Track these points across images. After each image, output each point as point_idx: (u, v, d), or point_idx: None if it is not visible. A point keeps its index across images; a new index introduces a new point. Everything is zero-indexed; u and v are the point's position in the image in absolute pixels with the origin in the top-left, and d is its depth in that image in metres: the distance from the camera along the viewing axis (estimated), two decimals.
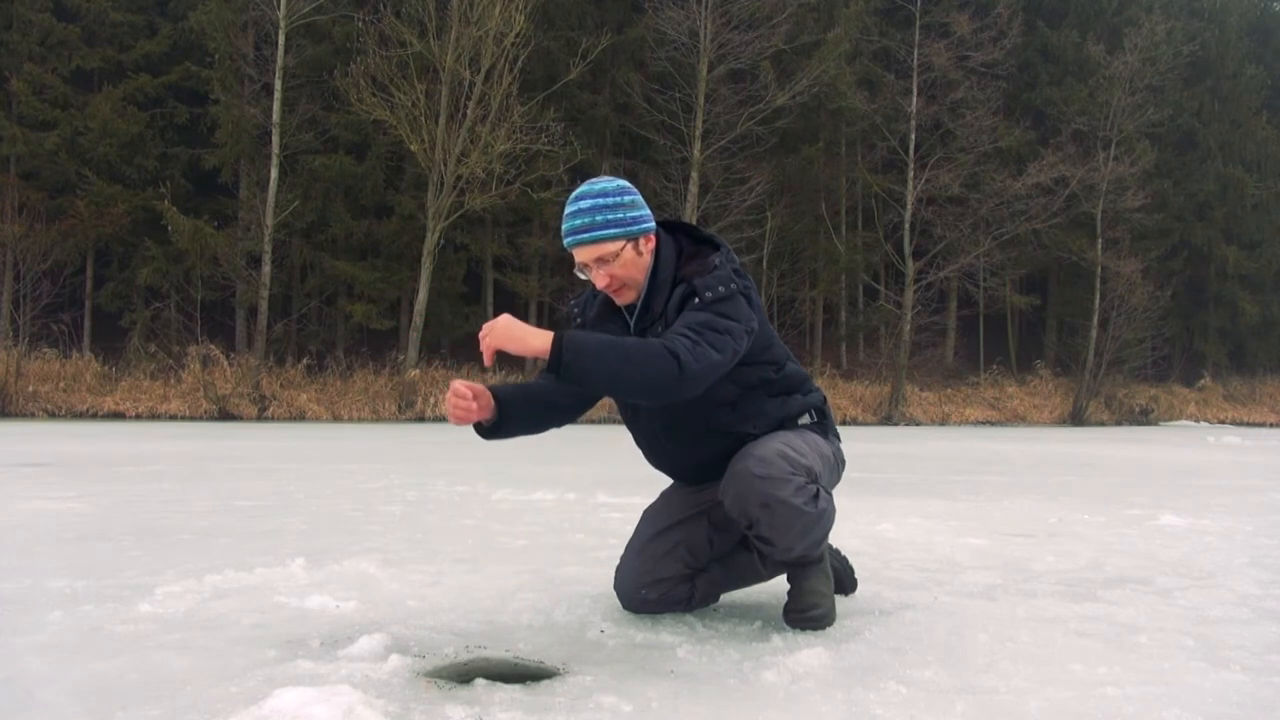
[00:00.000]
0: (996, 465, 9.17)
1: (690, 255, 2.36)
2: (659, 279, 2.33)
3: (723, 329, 2.19)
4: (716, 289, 2.23)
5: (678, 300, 2.28)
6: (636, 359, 2.09)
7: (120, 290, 21.45)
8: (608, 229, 2.25)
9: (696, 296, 2.23)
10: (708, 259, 2.31)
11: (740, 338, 2.22)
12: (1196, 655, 2.22)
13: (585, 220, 2.25)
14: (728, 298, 2.23)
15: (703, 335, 2.15)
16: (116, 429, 13.69)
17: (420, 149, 19.05)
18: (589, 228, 2.25)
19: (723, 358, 2.17)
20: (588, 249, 2.27)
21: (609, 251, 2.26)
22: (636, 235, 2.28)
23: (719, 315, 2.20)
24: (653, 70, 22.32)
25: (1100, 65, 25.77)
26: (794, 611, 2.41)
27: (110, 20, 21.68)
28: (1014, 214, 23.94)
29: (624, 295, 2.35)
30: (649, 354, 2.10)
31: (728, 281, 2.24)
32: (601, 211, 2.25)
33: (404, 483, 6.19)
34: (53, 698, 1.81)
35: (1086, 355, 25.47)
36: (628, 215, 2.27)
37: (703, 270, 2.28)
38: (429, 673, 1.99)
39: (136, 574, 3.00)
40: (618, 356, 2.08)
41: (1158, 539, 4.13)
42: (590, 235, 2.25)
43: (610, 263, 2.28)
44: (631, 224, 2.27)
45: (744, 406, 2.36)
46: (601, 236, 2.25)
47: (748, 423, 2.37)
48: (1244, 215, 30.12)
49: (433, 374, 20.09)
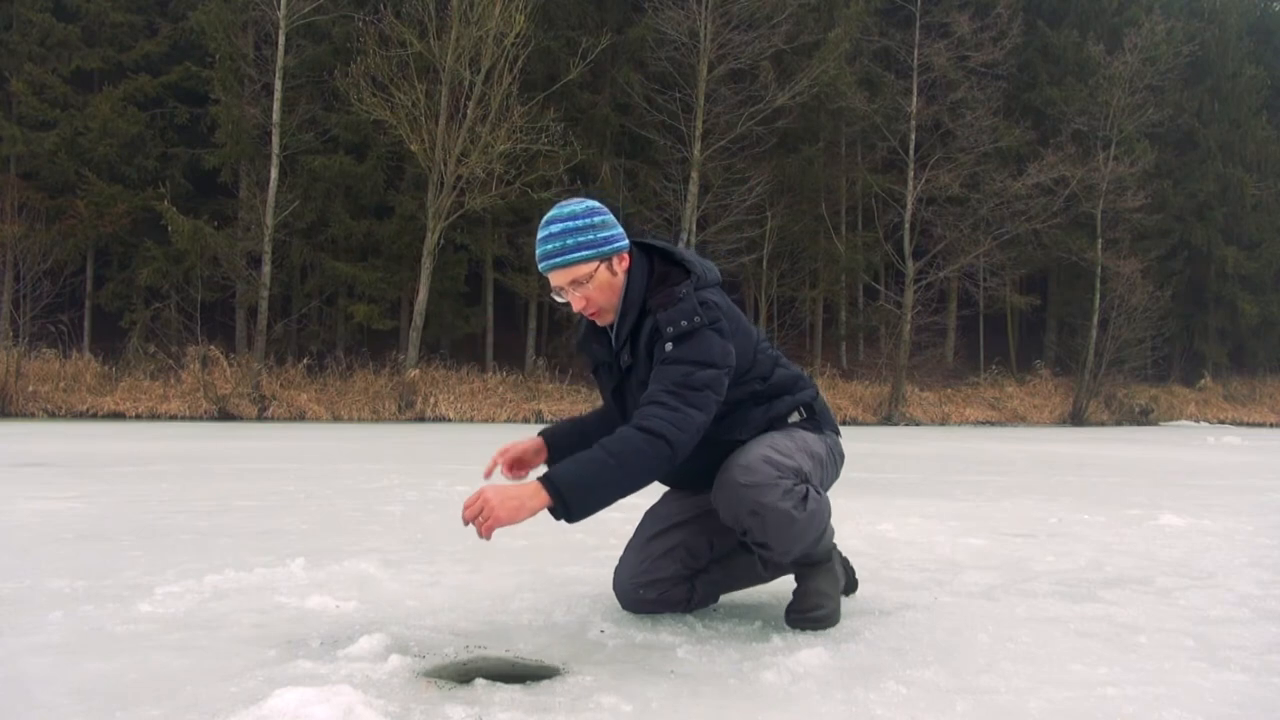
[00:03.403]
0: (996, 465, 9.17)
1: (660, 278, 2.33)
2: (628, 300, 2.32)
3: (700, 384, 2.18)
4: (679, 323, 2.21)
5: (646, 336, 2.28)
6: (631, 465, 2.12)
7: (120, 290, 21.44)
8: (580, 251, 2.25)
9: (661, 333, 2.23)
10: (674, 288, 2.28)
11: (719, 385, 2.22)
12: (1196, 655, 2.22)
13: (557, 244, 2.25)
14: (692, 333, 2.21)
15: (680, 397, 2.16)
16: (116, 429, 13.68)
17: (420, 149, 19.04)
18: (561, 251, 2.25)
19: (706, 415, 2.19)
20: (561, 272, 2.27)
21: (583, 274, 2.26)
22: (609, 255, 2.28)
23: (694, 364, 2.19)
24: (653, 70, 22.31)
25: (1100, 65, 25.75)
26: (796, 612, 2.41)
27: (110, 20, 21.66)
28: (1014, 214, 23.93)
29: (602, 317, 2.35)
30: (639, 453, 2.12)
31: (691, 314, 2.22)
32: (572, 234, 2.25)
33: (404, 483, 6.18)
34: (53, 698, 1.81)
35: (1086, 355, 25.46)
36: (599, 236, 2.27)
37: (667, 302, 2.26)
38: (429, 673, 1.99)
39: (136, 574, 3.00)
40: (613, 474, 2.11)
41: (1158, 539, 4.13)
42: (563, 259, 2.25)
43: (585, 285, 2.27)
44: (604, 244, 2.27)
45: (730, 417, 2.37)
46: (574, 260, 2.25)
47: (735, 430, 2.38)
48: (1244, 215, 30.10)
49: (433, 374, 20.10)
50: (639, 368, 2.33)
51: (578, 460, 2.14)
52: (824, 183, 25.49)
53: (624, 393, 2.42)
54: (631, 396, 2.37)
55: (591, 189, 22.10)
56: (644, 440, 2.12)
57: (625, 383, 2.40)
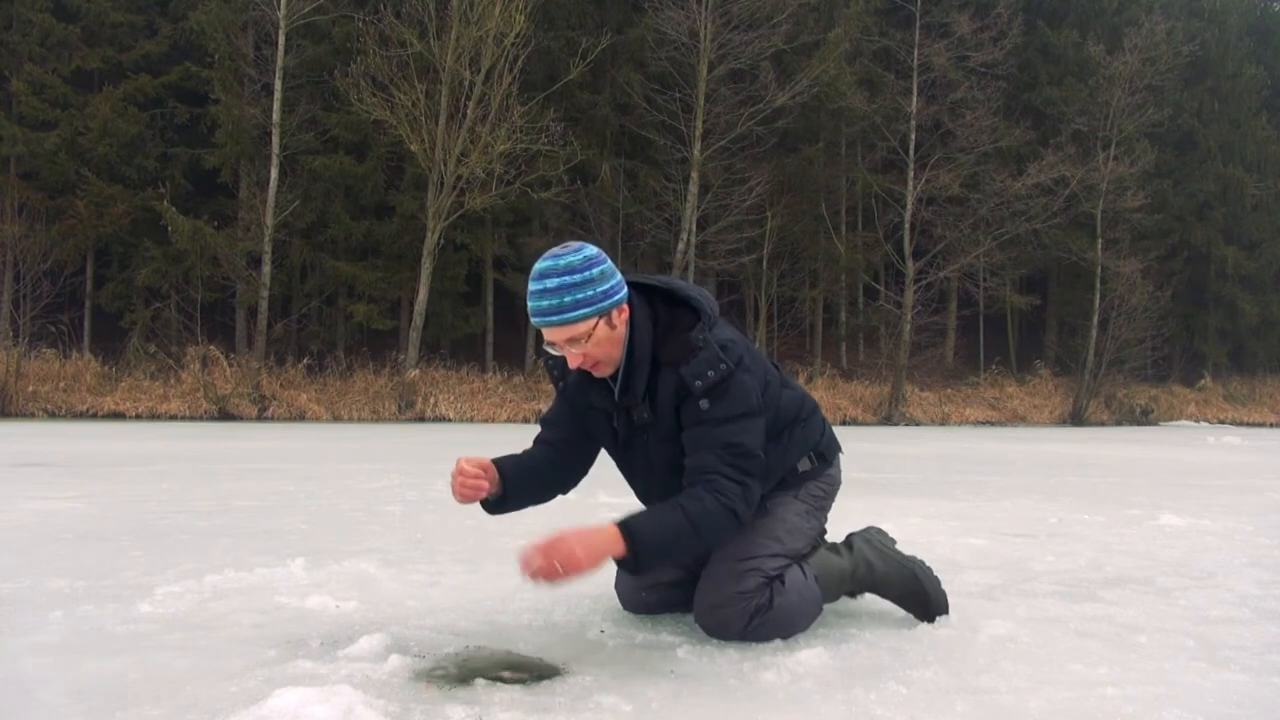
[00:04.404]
0: (996, 465, 9.17)
1: (668, 326, 2.20)
2: (636, 357, 2.19)
3: (753, 449, 2.15)
4: (706, 375, 2.12)
5: (670, 394, 2.17)
6: (706, 534, 2.11)
7: (120, 290, 21.44)
8: (578, 309, 2.09)
9: (689, 389, 2.14)
10: (687, 337, 2.16)
11: (762, 434, 2.19)
12: (1196, 655, 2.22)
13: (553, 301, 2.10)
14: (721, 383, 2.12)
15: (742, 469, 2.13)
16: (116, 429, 13.68)
17: (420, 149, 19.04)
18: (558, 309, 2.10)
19: (763, 482, 2.21)
20: (557, 330, 2.13)
21: (581, 331, 2.12)
22: (609, 310, 2.14)
23: (740, 420, 2.13)
24: (653, 70, 22.31)
25: (1100, 65, 25.74)
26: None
27: (110, 20, 21.66)
28: (1014, 214, 23.92)
29: (600, 370, 2.22)
30: (716, 526, 2.11)
31: (716, 363, 2.12)
32: (570, 291, 2.09)
33: (404, 483, 6.18)
34: (53, 698, 1.81)
35: (1086, 355, 25.45)
36: (598, 291, 2.11)
37: (685, 354, 2.14)
38: (429, 673, 1.99)
39: (136, 574, 3.00)
40: (689, 540, 2.10)
41: (1158, 539, 4.13)
42: (559, 318, 2.10)
43: (583, 342, 2.13)
44: (603, 299, 2.12)
45: None
46: (572, 319, 2.10)
47: None
48: (1244, 215, 30.09)
49: (433, 374, 20.10)
50: (660, 425, 2.22)
51: (659, 520, 2.09)
52: (824, 183, 25.48)
53: (634, 447, 2.33)
54: (648, 453, 2.30)
55: (591, 189, 22.12)
56: (719, 512, 2.09)
57: (637, 438, 2.30)
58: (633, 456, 2.37)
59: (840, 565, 2.47)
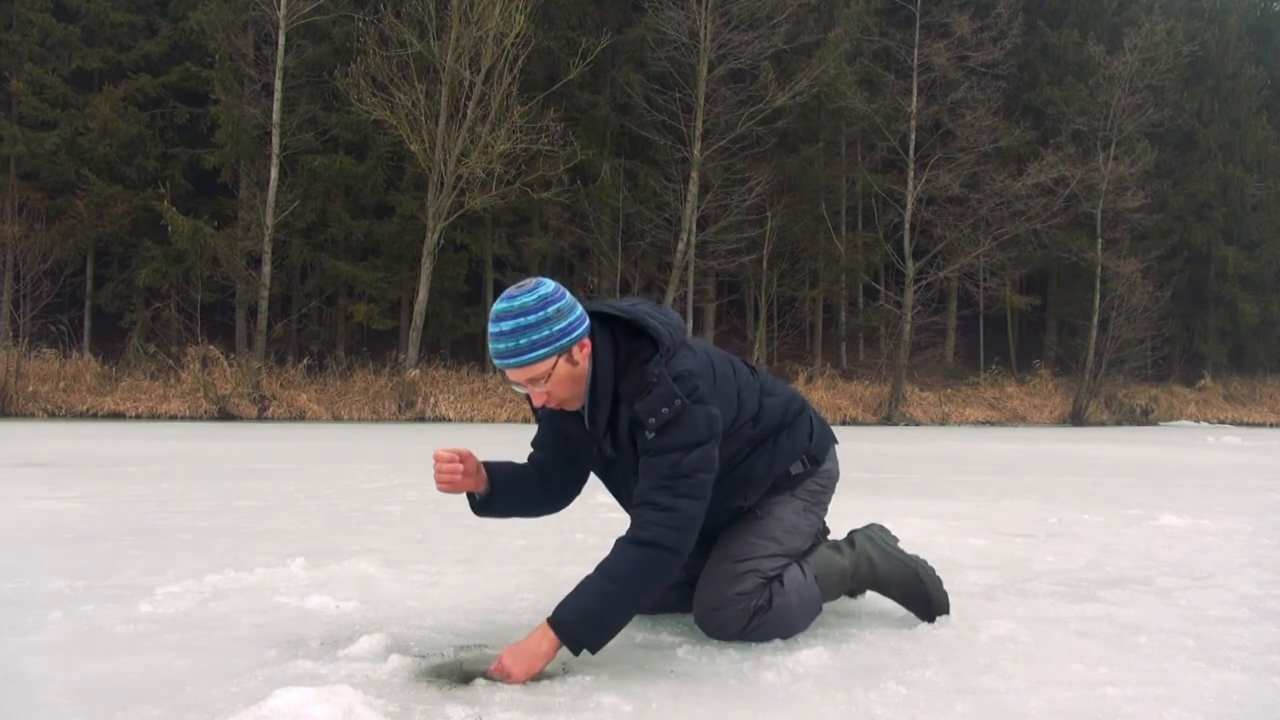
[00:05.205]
0: (996, 465, 9.17)
1: (628, 357, 2.16)
2: (597, 391, 2.16)
3: (689, 469, 2.07)
4: (659, 411, 2.07)
5: (626, 429, 2.16)
6: (633, 585, 2.05)
7: (120, 290, 21.44)
8: (535, 350, 2.07)
9: (642, 424, 2.10)
10: (644, 368, 2.11)
11: (710, 461, 2.11)
12: (1196, 655, 2.22)
13: (509, 344, 2.07)
14: (674, 419, 2.07)
15: (670, 490, 2.07)
16: (116, 429, 13.68)
17: (420, 149, 19.04)
18: (515, 351, 2.07)
19: (701, 500, 2.10)
20: (517, 372, 2.11)
21: (540, 372, 2.09)
22: (568, 348, 2.10)
23: (681, 450, 2.08)
24: (653, 70, 22.31)
25: (1100, 65, 25.75)
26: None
27: (110, 20, 21.65)
28: (1014, 214, 23.92)
29: (569, 405, 2.20)
30: (640, 572, 2.05)
31: (670, 399, 2.07)
32: (525, 332, 2.06)
33: (404, 483, 6.18)
34: (53, 698, 1.81)
35: (1086, 355, 25.45)
36: (554, 330, 2.07)
37: (641, 389, 2.10)
38: (429, 673, 2.00)
39: (136, 574, 3.00)
40: (619, 599, 2.04)
41: (1158, 539, 4.13)
42: (516, 360, 2.08)
43: (543, 382, 2.11)
44: (560, 337, 2.08)
45: (733, 477, 2.29)
46: (529, 360, 2.07)
47: (739, 495, 2.34)
48: (1244, 215, 30.09)
49: (433, 374, 20.10)
50: (624, 458, 2.21)
51: (580, 595, 2.04)
52: (824, 183, 25.48)
53: (613, 477, 2.35)
54: (623, 482, 2.30)
55: (591, 189, 22.12)
56: (641, 555, 2.04)
57: (613, 469, 2.32)
58: (613, 484, 2.39)
59: (841, 564, 2.47)
